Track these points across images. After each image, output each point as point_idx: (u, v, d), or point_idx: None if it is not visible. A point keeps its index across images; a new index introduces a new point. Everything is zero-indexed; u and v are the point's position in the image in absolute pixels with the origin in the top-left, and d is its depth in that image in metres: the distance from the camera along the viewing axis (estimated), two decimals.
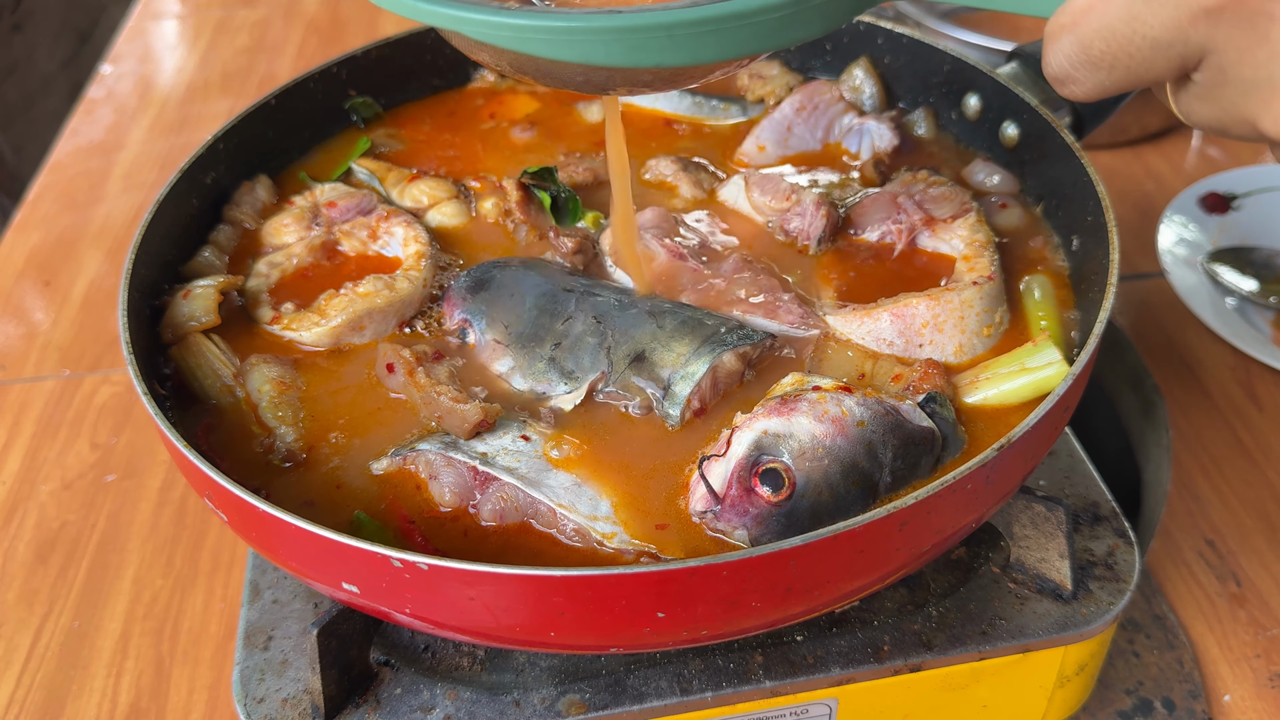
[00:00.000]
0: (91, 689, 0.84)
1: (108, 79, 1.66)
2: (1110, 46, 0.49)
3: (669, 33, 0.51)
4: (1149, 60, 0.48)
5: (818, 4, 0.52)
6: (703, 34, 0.51)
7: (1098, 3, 0.49)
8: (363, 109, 0.99)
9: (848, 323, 0.74)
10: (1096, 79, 0.50)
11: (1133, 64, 0.49)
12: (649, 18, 0.50)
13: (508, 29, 0.51)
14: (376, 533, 0.64)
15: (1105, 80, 0.50)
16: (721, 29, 0.51)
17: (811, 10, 0.52)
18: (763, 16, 0.51)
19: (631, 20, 0.50)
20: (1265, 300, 1.08)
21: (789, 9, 0.52)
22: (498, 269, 0.79)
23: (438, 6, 0.53)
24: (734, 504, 0.61)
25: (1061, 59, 0.51)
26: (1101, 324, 0.65)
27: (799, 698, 0.69)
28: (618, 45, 0.51)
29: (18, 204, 1.40)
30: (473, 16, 0.52)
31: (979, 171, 0.89)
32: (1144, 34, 0.48)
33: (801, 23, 0.53)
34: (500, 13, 0.51)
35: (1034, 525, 0.72)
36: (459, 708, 0.68)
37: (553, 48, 0.52)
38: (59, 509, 0.98)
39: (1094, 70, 0.50)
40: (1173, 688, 0.79)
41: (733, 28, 0.51)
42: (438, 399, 0.69)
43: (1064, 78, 0.52)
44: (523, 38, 0.52)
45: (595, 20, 0.50)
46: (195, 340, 0.75)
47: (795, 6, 0.52)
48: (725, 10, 0.51)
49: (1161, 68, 0.49)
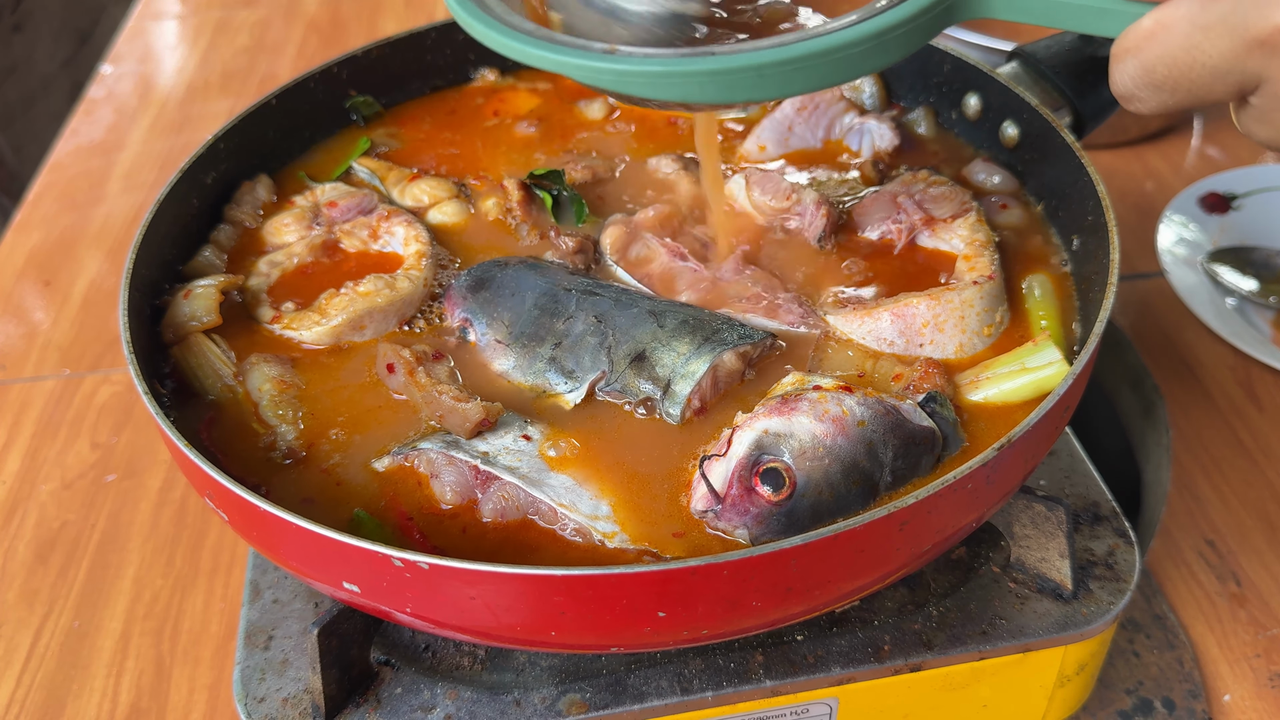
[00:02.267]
0: (92, 689, 0.84)
1: (108, 79, 1.66)
2: (1171, 72, 0.51)
3: (759, 73, 0.54)
4: (1208, 85, 0.51)
5: (895, 36, 0.55)
6: (790, 71, 0.54)
7: (1159, 29, 0.51)
8: (363, 108, 0.99)
9: (848, 322, 0.74)
10: (1159, 99, 0.53)
11: (1193, 88, 0.51)
12: (741, 59, 0.53)
13: (609, 74, 0.55)
14: (375, 530, 0.64)
15: (1168, 100, 0.53)
16: (807, 66, 0.54)
17: (889, 42, 0.55)
18: (846, 52, 0.54)
19: (724, 63, 0.53)
20: (1265, 300, 1.08)
21: (869, 43, 0.54)
22: (498, 268, 0.79)
23: (545, 51, 0.56)
24: (735, 503, 0.61)
25: (1126, 79, 0.53)
26: (1101, 324, 0.65)
27: (799, 697, 0.69)
28: (711, 85, 0.54)
29: (18, 204, 1.40)
30: (577, 62, 0.56)
31: (979, 171, 0.89)
32: (1203, 62, 0.50)
33: (880, 54, 0.56)
34: (602, 59, 0.55)
35: (1034, 525, 0.72)
36: (459, 707, 0.68)
37: (650, 89, 0.55)
38: (59, 509, 0.98)
39: (1157, 91, 0.53)
40: (1173, 688, 0.79)
41: (818, 64, 0.54)
42: (439, 398, 0.69)
43: (1129, 96, 0.54)
44: (623, 81, 0.55)
45: (690, 65, 0.54)
46: (196, 340, 0.75)
47: (875, 40, 0.54)
48: (811, 49, 0.54)
49: (1220, 92, 0.51)
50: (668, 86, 0.55)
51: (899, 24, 0.55)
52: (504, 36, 0.58)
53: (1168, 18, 0.51)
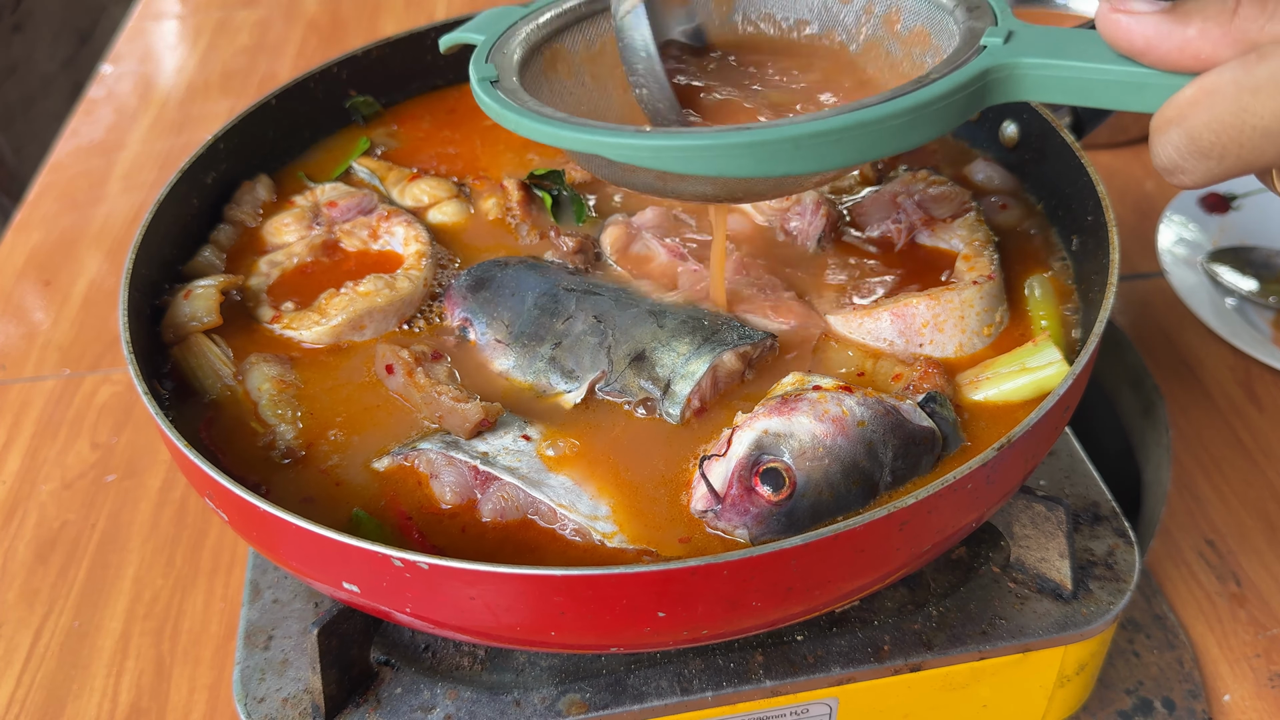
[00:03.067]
0: (92, 689, 0.84)
1: (108, 79, 1.66)
2: (1220, 138, 0.49)
3: (795, 144, 0.54)
4: (1259, 148, 0.49)
5: (929, 113, 0.55)
6: (826, 144, 0.54)
7: (1203, 96, 0.49)
8: (363, 108, 0.99)
9: (848, 322, 0.74)
10: (1206, 167, 0.51)
11: (1243, 153, 0.49)
12: (777, 132, 0.53)
13: (645, 150, 0.55)
14: (374, 530, 0.64)
15: (1215, 169, 0.50)
16: (844, 139, 0.54)
17: (923, 119, 0.55)
18: (880, 126, 0.54)
19: (761, 136, 0.54)
20: (1265, 300, 1.08)
21: (904, 118, 0.54)
22: (498, 268, 0.79)
23: (578, 133, 0.57)
24: (735, 503, 0.61)
25: (1170, 151, 0.51)
26: (1101, 324, 0.65)
27: (799, 697, 0.69)
28: (748, 158, 0.54)
29: (18, 204, 1.40)
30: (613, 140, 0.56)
31: (979, 171, 0.89)
32: (1253, 124, 0.48)
33: (914, 130, 0.55)
34: (638, 135, 0.55)
35: (1034, 525, 0.72)
36: (459, 707, 0.68)
37: (687, 163, 0.55)
38: (59, 509, 0.98)
39: (1204, 160, 0.50)
40: (1173, 688, 0.79)
41: (854, 137, 0.54)
42: (438, 399, 0.69)
43: (1173, 168, 0.52)
44: (659, 157, 0.56)
45: (727, 138, 0.54)
46: (196, 340, 0.75)
47: (910, 115, 0.54)
48: (848, 122, 0.54)
49: (1272, 155, 0.49)
50: (703, 161, 0.55)
51: (935, 99, 0.54)
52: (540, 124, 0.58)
53: (1212, 84, 0.49)
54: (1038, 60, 0.56)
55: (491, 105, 0.62)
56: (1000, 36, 0.57)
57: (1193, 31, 0.49)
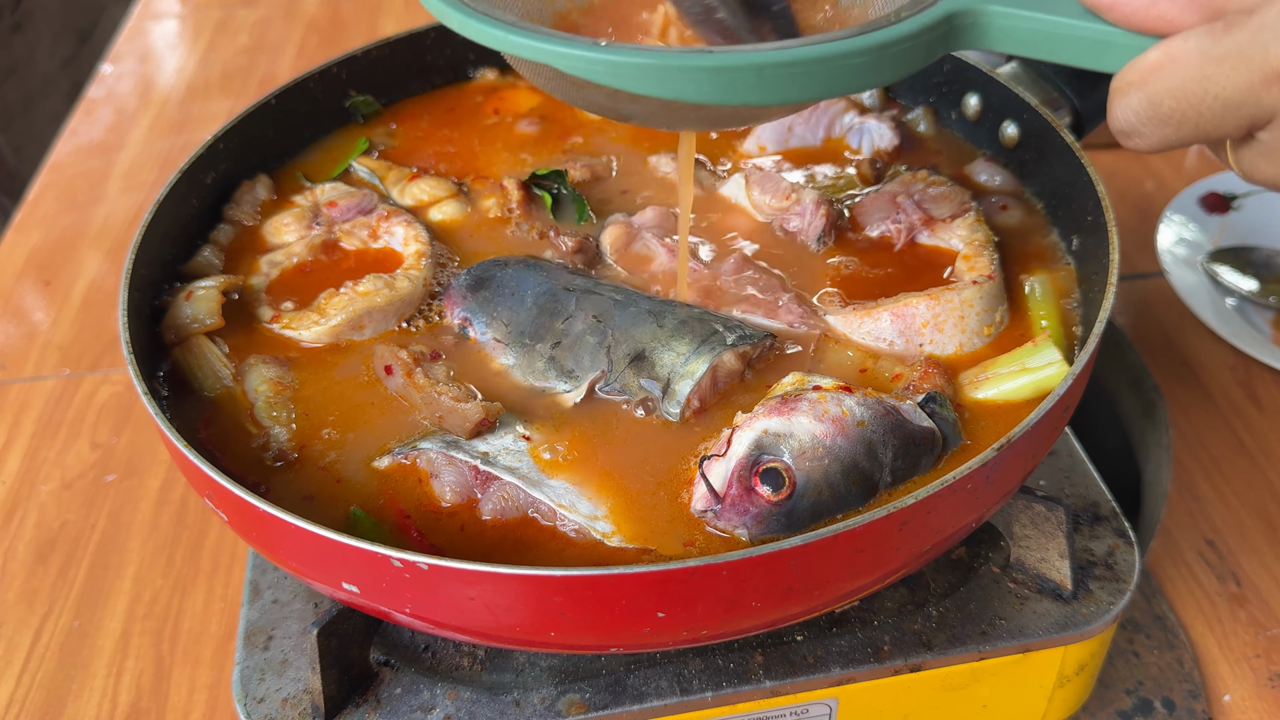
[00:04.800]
0: (91, 689, 0.84)
1: (108, 79, 1.66)
2: (1180, 104, 0.49)
3: (759, 73, 0.53)
4: (1219, 119, 0.49)
5: (893, 52, 0.54)
6: (790, 75, 0.53)
7: (1168, 61, 0.49)
8: (363, 107, 0.99)
9: (848, 322, 0.74)
10: (1163, 134, 0.51)
11: (1201, 121, 0.49)
12: (741, 59, 0.52)
13: (601, 64, 0.53)
14: (372, 529, 0.64)
15: (1172, 136, 0.51)
16: (807, 71, 0.53)
17: (888, 58, 0.55)
18: (845, 61, 0.54)
19: (723, 60, 0.52)
20: (1265, 300, 1.08)
21: (868, 55, 0.54)
22: (498, 267, 0.79)
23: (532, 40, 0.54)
24: (734, 503, 0.61)
25: (1130, 114, 0.51)
26: (1101, 324, 0.65)
27: (799, 698, 0.69)
28: (709, 83, 0.53)
29: (18, 204, 1.40)
30: (565, 50, 0.54)
31: (979, 171, 0.89)
32: (1216, 94, 0.48)
33: (878, 69, 0.55)
34: (594, 49, 0.53)
35: (1034, 525, 0.72)
36: (459, 708, 0.68)
37: (644, 83, 0.54)
38: (59, 509, 0.98)
39: (1161, 126, 0.51)
40: (1173, 688, 0.79)
41: (818, 70, 0.53)
42: (438, 399, 0.69)
43: (1130, 131, 0.52)
44: (616, 73, 0.54)
45: (689, 60, 0.52)
46: (197, 341, 0.75)
47: (875, 53, 0.54)
48: (812, 54, 0.53)
49: (1230, 126, 0.49)
50: (664, 81, 0.53)
51: (900, 40, 0.54)
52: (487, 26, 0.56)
53: (1177, 50, 0.49)
54: (1004, 9, 0.55)
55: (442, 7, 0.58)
56: None
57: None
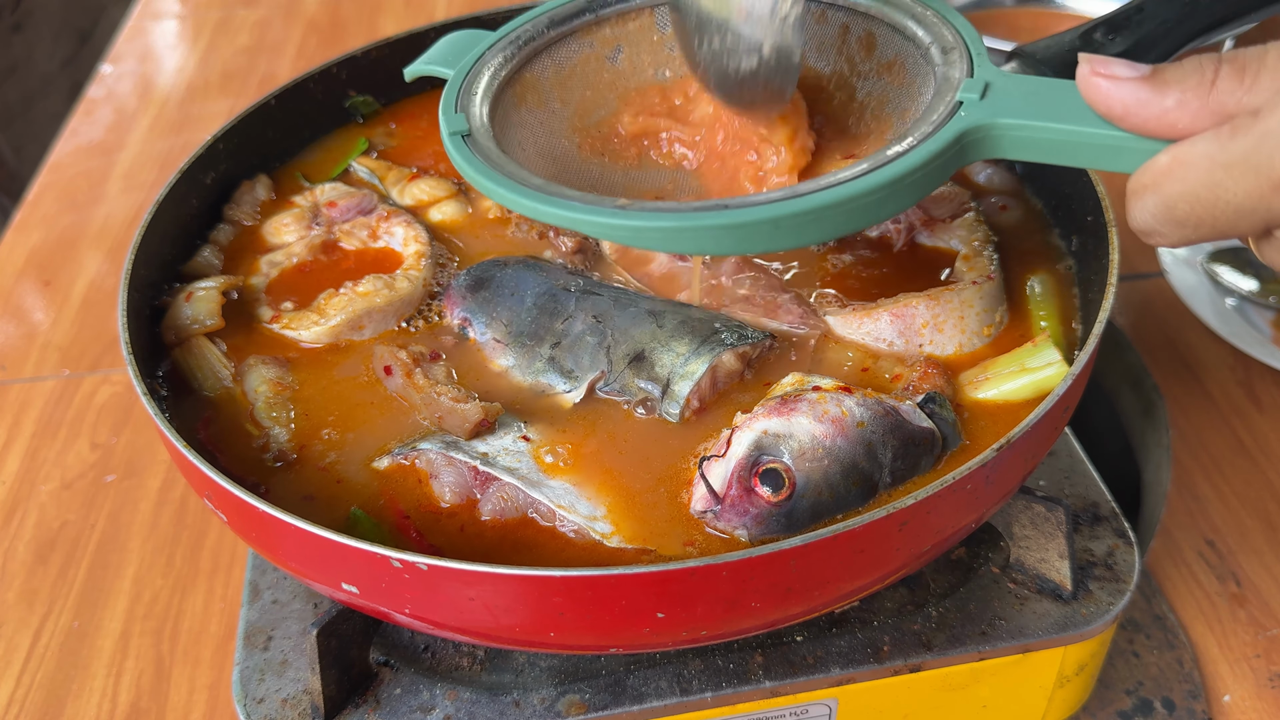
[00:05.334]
0: (91, 689, 0.84)
1: (108, 79, 1.66)
2: (1194, 209, 0.50)
3: (775, 225, 0.54)
4: (1233, 222, 0.49)
5: (909, 183, 0.55)
6: (805, 223, 0.54)
7: (1177, 166, 0.50)
8: (363, 107, 0.99)
9: (847, 322, 0.74)
10: (1182, 234, 0.51)
11: (1217, 224, 0.50)
12: (756, 214, 0.53)
13: (624, 230, 0.56)
14: (372, 529, 0.64)
15: (1191, 235, 0.51)
16: (823, 218, 0.54)
17: (904, 189, 0.55)
18: (861, 201, 0.54)
19: (739, 217, 0.53)
20: (1265, 300, 1.08)
21: (884, 191, 0.54)
22: (498, 268, 0.79)
23: (556, 209, 0.57)
24: (734, 504, 0.61)
25: (1147, 216, 0.52)
26: (1101, 324, 0.65)
27: (799, 698, 0.69)
28: (727, 239, 0.55)
29: (18, 204, 1.40)
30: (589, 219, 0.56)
31: (979, 171, 0.89)
32: (1226, 200, 0.48)
33: (894, 200, 0.56)
34: (617, 214, 0.55)
35: (1034, 525, 0.72)
36: (459, 708, 0.68)
37: (663, 243, 0.56)
38: (59, 509, 0.98)
39: (1179, 228, 0.51)
40: (1173, 688, 0.79)
41: (833, 215, 0.54)
42: (438, 399, 0.69)
43: (1150, 231, 0.53)
44: (637, 237, 0.56)
45: (705, 219, 0.54)
46: (197, 342, 0.75)
47: (890, 188, 0.54)
48: (826, 200, 0.54)
49: (1245, 228, 0.50)
50: (682, 240, 0.55)
51: (912, 171, 0.54)
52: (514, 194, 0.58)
53: (1186, 155, 0.49)
54: (1015, 121, 0.55)
55: (466, 169, 0.61)
56: (977, 91, 0.57)
57: (1171, 103, 0.50)
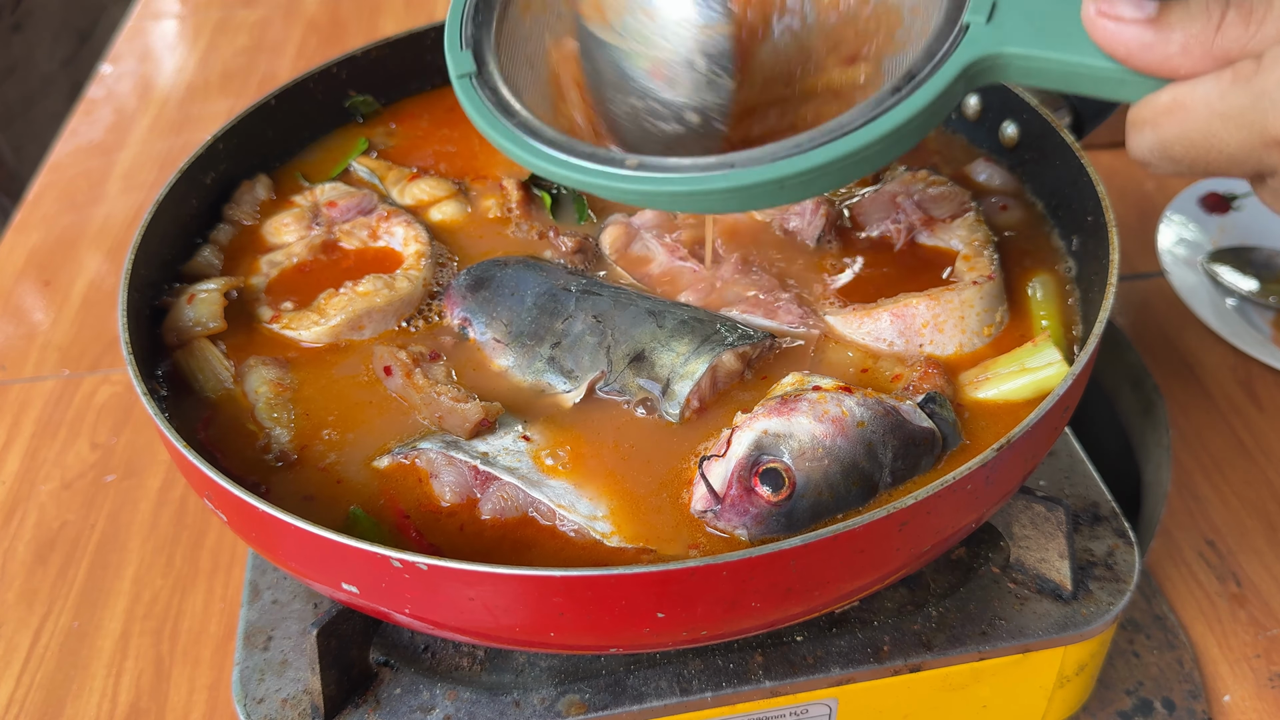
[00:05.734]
0: (91, 689, 0.84)
1: (108, 79, 1.66)
2: (1189, 151, 0.51)
3: (780, 184, 0.54)
4: (1225, 168, 0.51)
5: (914, 125, 0.55)
6: (811, 179, 0.54)
7: (1176, 108, 0.51)
8: (363, 107, 0.99)
9: (847, 322, 0.74)
10: (1176, 169, 0.53)
11: (1210, 168, 0.51)
12: (761, 173, 0.54)
13: (635, 194, 0.56)
14: (371, 529, 0.64)
15: (1185, 172, 0.53)
16: (829, 172, 0.54)
17: (910, 132, 0.55)
18: (866, 152, 0.54)
19: (744, 178, 0.54)
20: (1265, 300, 1.08)
21: (890, 139, 0.54)
22: (498, 268, 0.79)
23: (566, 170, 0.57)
24: (734, 504, 0.61)
25: (1144, 149, 0.53)
26: (1101, 324, 0.65)
27: (799, 698, 0.69)
28: (734, 199, 0.55)
29: (18, 204, 1.40)
30: (598, 181, 0.56)
31: (979, 171, 0.89)
32: (1220, 149, 0.50)
33: (900, 143, 0.56)
34: (625, 179, 0.56)
35: (1034, 525, 0.72)
36: (459, 708, 0.68)
37: (670, 204, 0.57)
38: (59, 509, 0.98)
39: (1174, 164, 0.53)
40: (1173, 688, 0.79)
41: (839, 168, 0.54)
42: (438, 399, 0.69)
43: (1146, 163, 0.54)
44: (647, 199, 0.56)
45: (712, 182, 0.54)
46: (199, 344, 0.75)
47: (895, 135, 0.54)
48: (831, 155, 0.54)
49: (1238, 174, 0.51)
50: (689, 201, 0.56)
51: (918, 113, 0.54)
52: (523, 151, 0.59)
53: (1185, 98, 0.50)
54: (1020, 50, 0.55)
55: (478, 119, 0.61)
56: (984, 13, 0.56)
57: (1175, 48, 0.50)
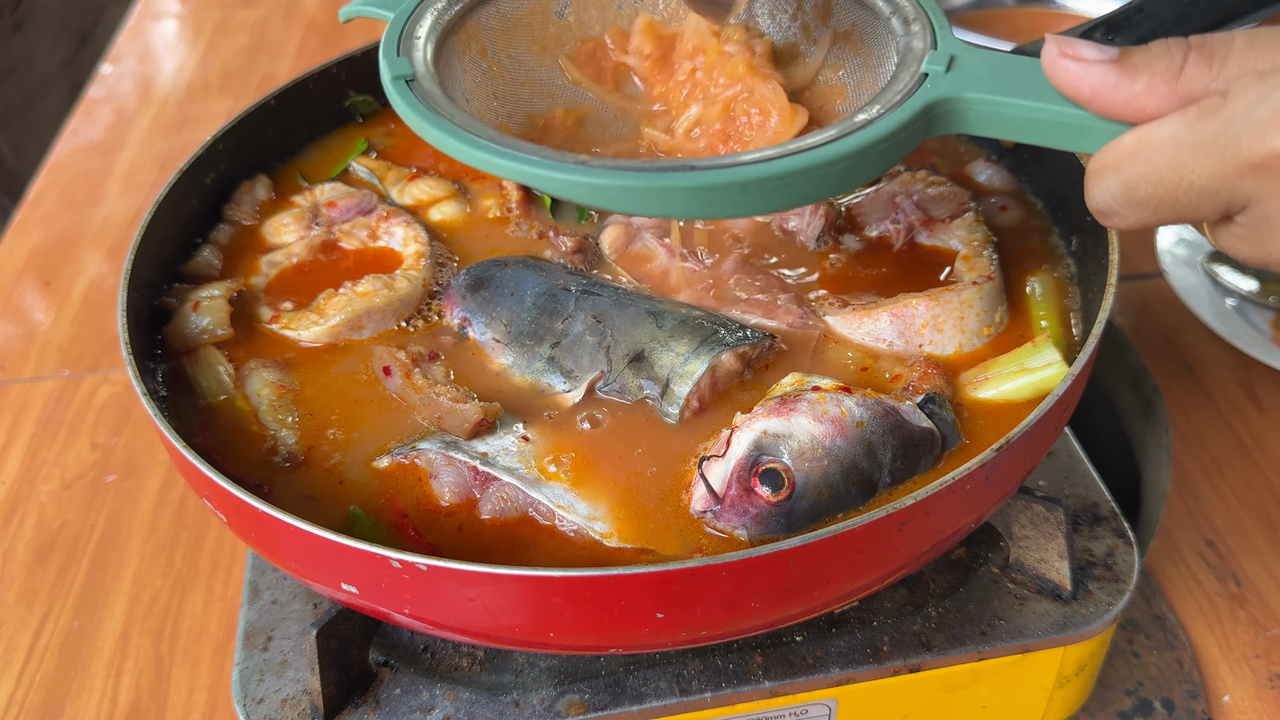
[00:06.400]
0: (91, 689, 0.84)
1: (108, 79, 1.66)
2: (1157, 190, 0.49)
3: (742, 190, 0.53)
4: (1194, 205, 0.49)
5: (876, 152, 0.54)
6: (773, 188, 0.53)
7: (1142, 147, 0.49)
8: (362, 107, 0.99)
9: (847, 322, 0.74)
10: (1140, 216, 0.51)
11: (1178, 207, 0.49)
12: (723, 176, 0.52)
13: (583, 188, 0.53)
14: (370, 528, 0.64)
15: (1149, 218, 0.51)
16: (791, 183, 0.53)
17: (871, 159, 0.54)
18: (829, 169, 0.53)
19: (706, 179, 0.52)
20: (1265, 300, 1.08)
21: (851, 160, 0.54)
22: (497, 267, 0.79)
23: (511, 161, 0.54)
24: (734, 504, 0.61)
25: (1107, 196, 0.52)
26: (1101, 324, 0.65)
27: (798, 698, 0.69)
28: (693, 202, 0.53)
29: (18, 204, 1.40)
30: (547, 174, 0.53)
31: (979, 171, 0.89)
32: (1191, 182, 0.48)
33: (861, 170, 0.55)
34: (576, 170, 0.53)
35: (1034, 525, 0.72)
36: (458, 708, 0.68)
37: (626, 204, 0.54)
38: (59, 509, 0.98)
39: (1139, 209, 0.51)
40: (1172, 688, 0.79)
41: (801, 181, 0.53)
42: (437, 400, 0.69)
43: (1108, 212, 0.52)
44: (597, 195, 0.54)
45: (671, 180, 0.52)
46: (206, 352, 0.75)
47: (857, 157, 0.54)
48: (795, 165, 0.53)
49: (1206, 212, 0.50)
50: (646, 201, 0.53)
51: (880, 140, 0.54)
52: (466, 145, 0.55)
53: (1152, 136, 0.49)
54: (981, 95, 0.55)
55: (411, 115, 0.58)
56: (942, 64, 0.56)
57: (1140, 87, 0.49)
